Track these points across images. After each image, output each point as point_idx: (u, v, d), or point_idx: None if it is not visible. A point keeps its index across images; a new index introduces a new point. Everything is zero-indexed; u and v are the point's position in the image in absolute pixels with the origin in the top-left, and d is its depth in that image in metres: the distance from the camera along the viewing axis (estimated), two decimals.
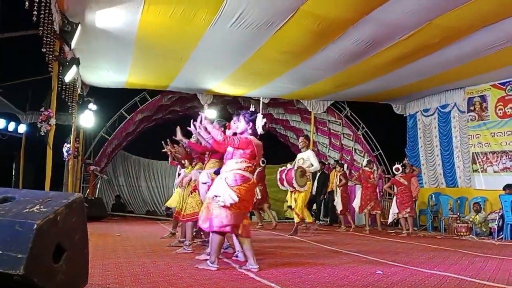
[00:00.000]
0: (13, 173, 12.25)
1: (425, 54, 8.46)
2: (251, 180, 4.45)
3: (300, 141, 8.89)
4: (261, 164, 9.66)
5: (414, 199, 10.40)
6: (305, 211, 8.66)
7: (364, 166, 10.75)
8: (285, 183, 8.39)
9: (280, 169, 8.80)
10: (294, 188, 8.31)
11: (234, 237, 4.85)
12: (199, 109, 12.82)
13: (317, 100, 13.03)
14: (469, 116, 11.00)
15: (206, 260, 4.57)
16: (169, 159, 9.44)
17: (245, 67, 9.55)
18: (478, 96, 10.82)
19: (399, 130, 13.50)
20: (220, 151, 5.01)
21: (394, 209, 10.00)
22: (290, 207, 8.78)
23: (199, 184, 5.42)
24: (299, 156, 8.70)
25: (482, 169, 10.61)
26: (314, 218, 10.50)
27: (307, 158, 8.43)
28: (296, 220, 8.54)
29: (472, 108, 10.95)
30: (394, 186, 10.19)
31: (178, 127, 5.87)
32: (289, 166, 8.74)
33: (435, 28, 7.23)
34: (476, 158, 10.74)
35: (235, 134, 4.63)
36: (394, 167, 10.27)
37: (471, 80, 10.48)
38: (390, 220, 10.53)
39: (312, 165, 8.43)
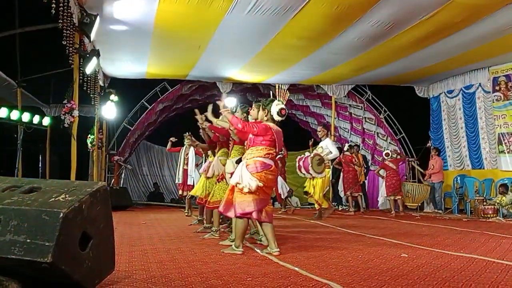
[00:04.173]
0: (40, 165, 12.52)
1: (447, 34, 8.27)
2: (272, 167, 4.50)
3: (318, 130, 9.07)
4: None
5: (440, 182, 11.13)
6: (323, 197, 8.76)
7: (345, 151, 11.14)
8: (302, 169, 8.60)
9: (299, 156, 8.97)
10: (311, 174, 8.47)
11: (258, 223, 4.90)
12: (219, 97, 12.85)
13: (337, 84, 12.90)
14: (494, 96, 10.75)
15: (230, 245, 4.62)
16: (168, 146, 9.71)
17: (264, 53, 9.51)
18: (503, 75, 10.55)
19: (422, 112, 13.28)
20: (243, 139, 5.04)
21: (383, 192, 10.89)
22: (306, 192, 8.99)
23: (226, 173, 5.46)
24: (319, 145, 8.87)
25: (508, 150, 10.39)
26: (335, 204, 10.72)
27: (325, 147, 8.59)
28: (317, 206, 8.76)
29: (497, 88, 10.69)
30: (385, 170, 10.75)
31: (196, 110, 6.15)
32: (307, 153, 8.88)
33: (457, 7, 7.04)
34: (502, 139, 10.51)
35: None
36: (384, 153, 11.10)
37: (496, 60, 10.23)
38: (380, 203, 11.60)
39: (331, 153, 8.56)
